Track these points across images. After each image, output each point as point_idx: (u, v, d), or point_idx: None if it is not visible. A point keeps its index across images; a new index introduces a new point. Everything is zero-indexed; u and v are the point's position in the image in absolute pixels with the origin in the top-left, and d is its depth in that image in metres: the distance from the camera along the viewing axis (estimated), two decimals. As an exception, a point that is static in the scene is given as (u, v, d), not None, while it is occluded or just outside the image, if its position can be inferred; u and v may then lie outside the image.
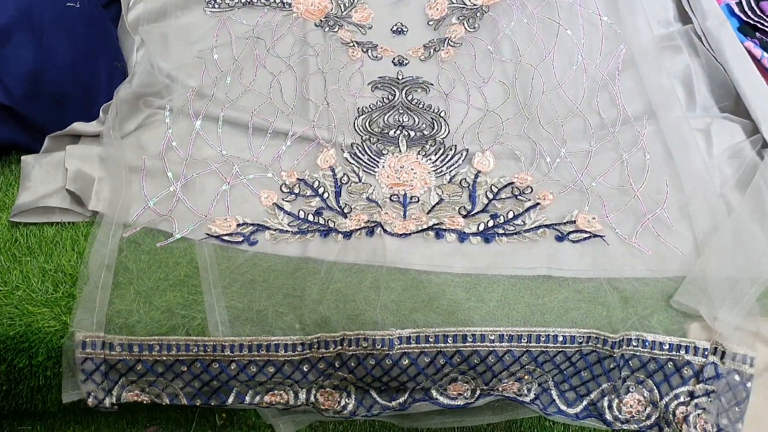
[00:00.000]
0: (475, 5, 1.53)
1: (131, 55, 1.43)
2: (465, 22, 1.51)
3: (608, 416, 1.12)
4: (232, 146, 1.32)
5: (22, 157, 1.24)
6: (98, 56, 1.33)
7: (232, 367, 1.08)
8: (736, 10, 1.49)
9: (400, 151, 1.32)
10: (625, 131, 1.34)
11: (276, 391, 1.11)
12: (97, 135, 1.27)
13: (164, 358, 1.07)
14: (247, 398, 1.11)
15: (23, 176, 1.22)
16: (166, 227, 1.18)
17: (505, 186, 1.26)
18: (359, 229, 1.19)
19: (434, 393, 1.12)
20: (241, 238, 1.18)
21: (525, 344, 1.08)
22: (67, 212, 1.20)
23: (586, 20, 1.46)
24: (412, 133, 1.35)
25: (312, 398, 1.12)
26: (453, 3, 1.54)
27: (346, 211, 1.23)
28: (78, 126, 1.27)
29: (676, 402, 1.10)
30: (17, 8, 1.21)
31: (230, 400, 1.11)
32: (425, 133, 1.35)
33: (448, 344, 1.08)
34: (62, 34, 1.26)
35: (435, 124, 1.37)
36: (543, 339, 1.08)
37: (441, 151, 1.32)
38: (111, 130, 1.27)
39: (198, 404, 1.10)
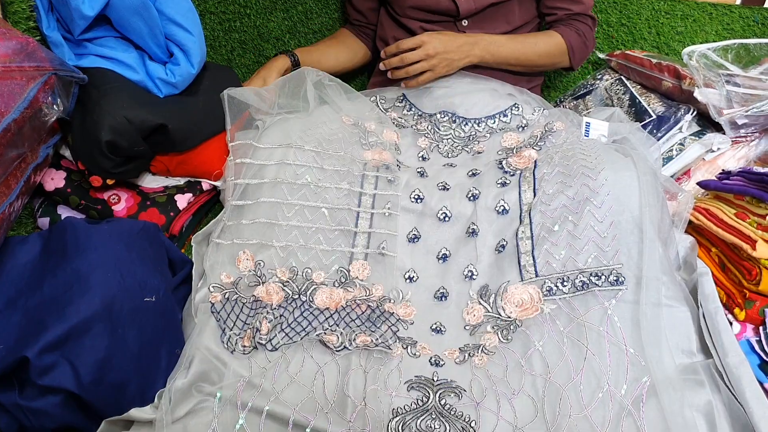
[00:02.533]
0: (509, 318, 1.64)
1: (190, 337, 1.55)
2: (499, 333, 1.62)
3: None
4: (270, 441, 1.39)
5: (78, 443, 1.33)
6: (162, 344, 1.45)
7: None
8: (756, 347, 1.57)
9: (430, 463, 1.38)
10: (650, 466, 1.38)
11: None
12: (151, 421, 1.36)
13: None
14: None
15: (76, 459, 1.30)
16: None
17: None
18: None
19: None
20: None
21: None
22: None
23: (614, 346, 1.54)
24: (442, 443, 1.41)
25: None
26: (488, 312, 1.66)
27: None
28: (134, 412, 1.36)
29: None
30: (102, 302, 1.35)
31: None
32: (454, 444, 1.42)
33: None
34: (135, 325, 1.39)
35: (464, 434, 1.43)
36: None
37: (470, 469, 1.37)
38: (164, 416, 1.36)
39: None
